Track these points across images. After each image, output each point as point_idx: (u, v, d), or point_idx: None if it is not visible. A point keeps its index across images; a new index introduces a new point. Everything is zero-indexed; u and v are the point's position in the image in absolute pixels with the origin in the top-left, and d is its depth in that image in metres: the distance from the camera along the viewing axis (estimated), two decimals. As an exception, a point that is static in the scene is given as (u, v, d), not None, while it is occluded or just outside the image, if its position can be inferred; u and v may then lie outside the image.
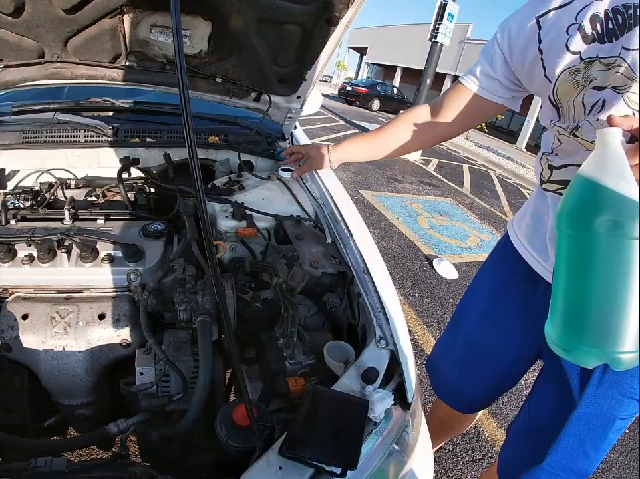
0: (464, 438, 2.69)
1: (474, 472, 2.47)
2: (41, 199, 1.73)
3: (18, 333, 1.31)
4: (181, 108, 0.64)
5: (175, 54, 0.58)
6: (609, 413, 1.23)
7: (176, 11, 0.57)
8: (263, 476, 0.88)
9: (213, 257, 0.75)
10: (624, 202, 0.75)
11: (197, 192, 0.70)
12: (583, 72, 1.04)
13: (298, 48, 1.81)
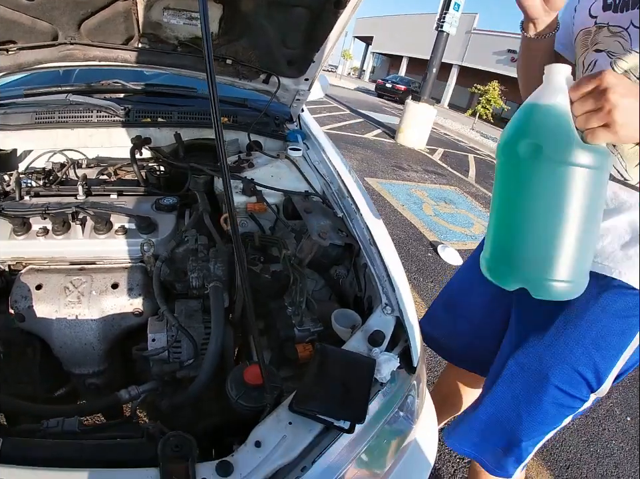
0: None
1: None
2: (53, 177, 1.77)
3: (31, 303, 1.34)
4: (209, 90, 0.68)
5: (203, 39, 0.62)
6: (541, 370, 1.21)
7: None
8: (273, 431, 0.92)
9: (235, 223, 0.79)
10: (545, 126, 0.77)
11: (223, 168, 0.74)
12: (592, 36, 1.09)
13: (306, 30, 1.84)
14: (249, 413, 1.00)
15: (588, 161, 0.75)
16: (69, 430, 0.97)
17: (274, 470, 0.87)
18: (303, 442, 0.92)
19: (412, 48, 39.16)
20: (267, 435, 0.91)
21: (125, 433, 0.99)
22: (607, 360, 1.15)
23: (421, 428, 1.25)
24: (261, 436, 0.90)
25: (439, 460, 2.37)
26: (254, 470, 0.85)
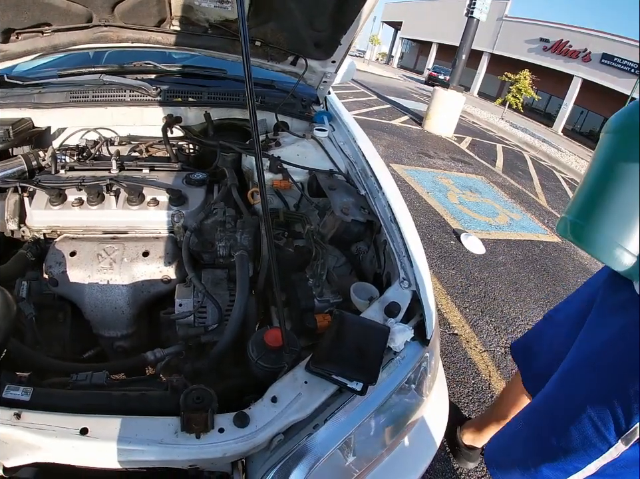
0: (480, 405, 2.76)
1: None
2: (87, 154, 1.84)
3: (65, 269, 1.43)
4: (244, 71, 0.75)
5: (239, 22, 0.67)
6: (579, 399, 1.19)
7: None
8: (289, 388, 0.98)
9: (264, 197, 0.85)
10: None
11: (256, 144, 0.81)
12: None
13: (334, 13, 1.86)
14: (267, 373, 1.07)
15: None
16: (97, 383, 1.04)
17: (288, 424, 0.93)
18: (317, 401, 0.98)
19: (442, 34, 38.59)
20: (283, 392, 0.97)
21: (150, 387, 1.07)
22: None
23: (432, 402, 1.31)
24: (277, 392, 0.97)
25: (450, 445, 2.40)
26: (269, 423, 0.92)
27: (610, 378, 1.13)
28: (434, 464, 2.26)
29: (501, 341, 3.47)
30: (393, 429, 1.16)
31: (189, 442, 0.86)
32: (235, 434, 0.88)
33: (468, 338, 3.37)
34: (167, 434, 0.86)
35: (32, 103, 1.98)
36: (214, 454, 0.86)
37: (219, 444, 0.87)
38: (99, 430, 0.85)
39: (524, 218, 6.65)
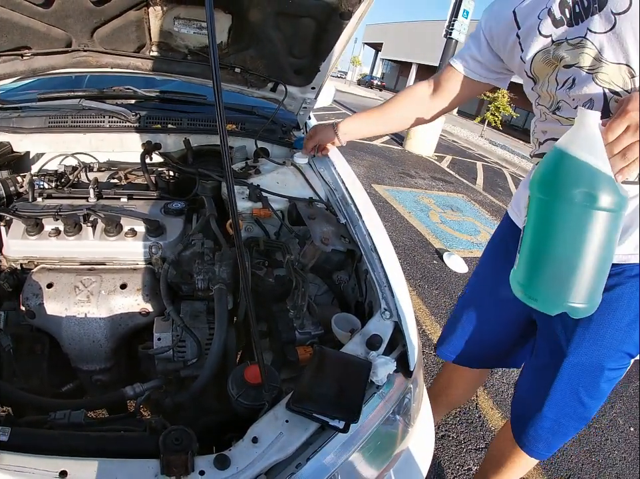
0: (468, 426, 2.76)
1: (477, 460, 2.52)
2: (65, 180, 1.82)
3: (42, 301, 1.40)
4: (214, 97, 0.74)
5: (210, 49, 0.67)
6: (597, 363, 1.31)
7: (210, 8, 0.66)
8: (270, 428, 0.96)
9: (237, 227, 0.83)
10: (599, 177, 0.86)
11: (226, 172, 0.80)
12: (553, 52, 1.15)
13: (313, 40, 1.90)
14: (248, 411, 1.04)
15: (612, 205, 0.86)
16: (75, 422, 1.01)
17: (270, 465, 0.91)
18: (298, 440, 0.95)
19: (422, 54, 39.27)
20: (264, 431, 0.95)
21: (128, 426, 1.04)
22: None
23: (418, 431, 1.29)
24: (258, 432, 0.94)
25: (438, 466, 2.41)
26: (250, 464, 0.89)
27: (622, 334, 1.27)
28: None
29: None
30: (379, 462, 1.14)
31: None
32: (216, 477, 0.86)
33: None
34: (146, 478, 0.84)
35: (11, 127, 1.96)
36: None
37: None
38: (78, 473, 0.82)
39: (506, 235, 6.67)
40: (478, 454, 2.57)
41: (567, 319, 1.30)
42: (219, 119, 0.76)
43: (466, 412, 2.87)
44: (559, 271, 0.92)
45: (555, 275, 0.93)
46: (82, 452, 0.88)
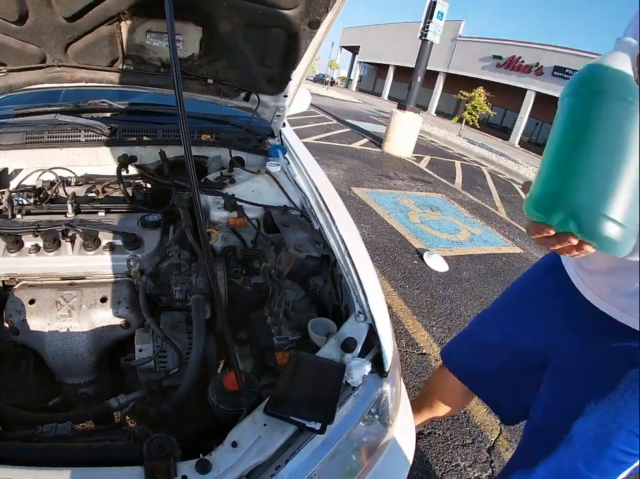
0: (454, 422, 2.79)
1: (464, 456, 2.56)
2: (43, 196, 1.83)
3: (25, 317, 1.41)
4: (177, 107, 0.77)
5: (172, 58, 0.69)
6: (603, 434, 1.24)
7: (171, 19, 0.69)
8: (249, 432, 0.99)
9: (206, 240, 0.87)
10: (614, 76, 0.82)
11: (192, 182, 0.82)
12: None
13: (283, 50, 1.93)
14: (228, 417, 1.07)
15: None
16: (62, 435, 1.03)
17: (250, 468, 0.94)
18: (277, 443, 0.98)
19: (398, 56, 39.54)
20: (243, 436, 0.98)
21: (114, 436, 1.06)
22: None
23: (398, 430, 1.32)
24: (237, 437, 0.97)
25: (426, 463, 2.43)
26: (230, 468, 0.92)
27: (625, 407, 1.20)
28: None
29: None
30: (359, 462, 1.17)
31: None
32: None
33: (437, 356, 3.39)
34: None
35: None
36: None
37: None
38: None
39: (485, 232, 6.81)
40: (465, 449, 2.61)
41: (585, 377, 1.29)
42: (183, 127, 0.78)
43: None
44: (594, 177, 0.80)
45: (591, 182, 0.80)
46: (69, 463, 0.90)
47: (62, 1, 1.58)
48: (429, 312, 4.01)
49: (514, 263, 5.85)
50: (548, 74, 28.19)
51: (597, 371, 1.26)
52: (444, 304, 4.23)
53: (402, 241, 5.50)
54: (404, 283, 4.43)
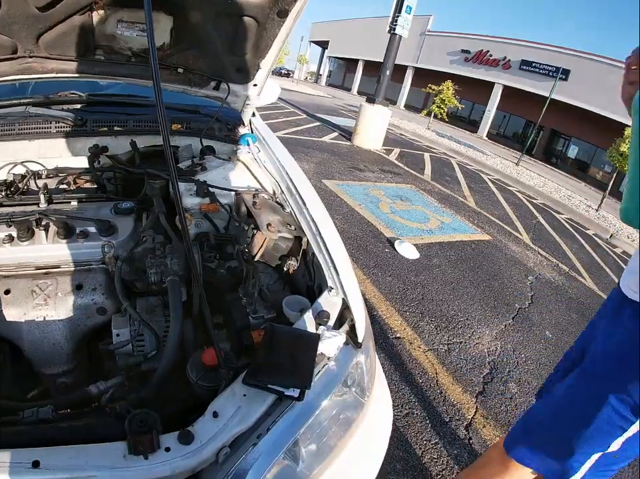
0: (430, 402, 2.88)
1: (442, 433, 2.65)
2: (14, 189, 1.81)
3: (0, 308, 1.41)
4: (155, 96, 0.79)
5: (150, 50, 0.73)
6: (603, 391, 1.37)
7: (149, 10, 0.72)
8: (229, 403, 1.03)
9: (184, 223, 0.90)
10: None
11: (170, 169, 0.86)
12: None
13: (253, 39, 1.96)
14: (208, 392, 1.10)
15: None
16: (44, 418, 1.04)
17: (232, 436, 0.98)
18: (257, 411, 1.02)
19: (368, 51, 39.57)
20: (223, 406, 1.02)
21: (95, 416, 1.09)
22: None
23: (374, 402, 1.37)
24: (218, 408, 1.01)
25: (406, 443, 2.50)
26: (213, 437, 0.96)
27: (626, 370, 1.31)
28: (394, 464, 2.36)
29: (444, 339, 3.70)
30: (339, 432, 1.21)
31: (138, 464, 0.88)
32: (182, 451, 0.92)
33: (411, 339, 3.51)
34: (116, 459, 0.89)
35: None
36: (164, 473, 0.89)
37: (167, 462, 0.90)
38: (50, 462, 0.86)
39: (455, 221, 6.98)
40: (442, 427, 2.71)
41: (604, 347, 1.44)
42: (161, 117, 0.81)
43: (427, 389, 3.00)
44: None
45: None
46: (52, 443, 0.92)
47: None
48: (402, 297, 4.10)
49: (483, 249, 6.03)
50: (515, 68, 28.57)
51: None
52: (415, 290, 4.33)
53: (373, 231, 5.58)
54: (376, 270, 4.51)
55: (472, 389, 3.16)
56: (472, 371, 3.36)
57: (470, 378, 3.27)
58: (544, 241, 7.72)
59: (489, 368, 3.50)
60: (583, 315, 5.03)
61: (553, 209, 11.65)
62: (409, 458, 2.41)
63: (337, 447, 1.18)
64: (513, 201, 10.63)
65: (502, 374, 3.48)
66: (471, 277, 5.05)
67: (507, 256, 6.11)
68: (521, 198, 11.57)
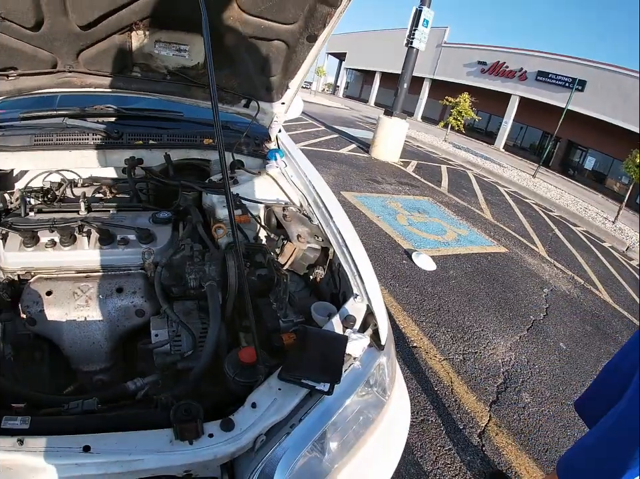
0: (445, 410, 2.94)
1: (456, 440, 2.71)
2: (52, 196, 1.93)
3: (42, 307, 1.50)
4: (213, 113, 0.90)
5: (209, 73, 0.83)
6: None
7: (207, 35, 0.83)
8: (266, 395, 1.13)
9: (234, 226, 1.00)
10: None
11: (225, 179, 0.96)
12: None
13: (283, 61, 2.08)
14: (244, 388, 1.19)
15: None
16: (89, 409, 1.12)
17: (268, 425, 1.08)
18: (291, 403, 1.13)
19: (385, 63, 39.70)
20: (261, 398, 1.12)
21: (139, 407, 1.18)
22: None
23: (394, 403, 1.46)
24: (256, 399, 1.11)
25: (420, 448, 2.57)
26: (252, 425, 1.06)
27: None
28: (408, 468, 2.42)
29: (459, 349, 3.75)
30: (360, 429, 1.29)
31: (183, 448, 0.98)
32: (223, 438, 1.01)
33: (427, 349, 3.58)
34: (163, 444, 0.98)
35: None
36: (206, 457, 0.98)
37: (210, 447, 0.99)
38: (100, 446, 0.95)
39: (471, 233, 7.01)
40: (457, 434, 2.76)
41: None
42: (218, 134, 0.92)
43: (442, 397, 3.05)
44: None
45: None
46: (100, 431, 1.00)
47: (78, 10, 1.69)
48: (418, 308, 4.17)
49: (499, 262, 6.06)
50: (532, 79, 28.52)
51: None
52: (432, 300, 4.39)
53: (391, 242, 5.65)
54: (394, 281, 4.58)
55: (485, 398, 3.21)
56: (486, 381, 3.42)
57: (484, 387, 3.33)
58: (560, 254, 7.77)
59: (503, 378, 3.54)
60: (597, 328, 5.05)
61: (569, 222, 11.62)
62: (423, 463, 2.48)
63: (359, 443, 1.27)
64: (530, 214, 10.63)
65: (516, 384, 3.51)
66: (487, 288, 5.10)
67: (523, 268, 6.13)
68: (537, 210, 11.55)
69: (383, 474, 1.32)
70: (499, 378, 3.52)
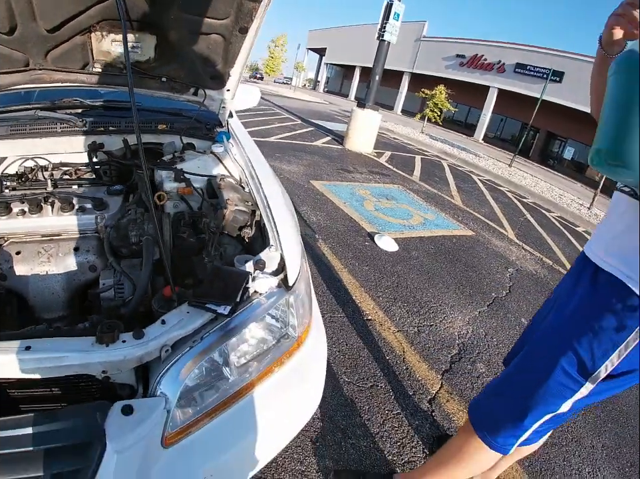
0: (395, 377, 3.05)
1: (405, 405, 2.82)
2: (25, 179, 2.19)
3: (12, 265, 1.78)
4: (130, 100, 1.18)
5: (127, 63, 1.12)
6: (555, 351, 1.48)
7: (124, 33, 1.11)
8: (175, 315, 1.38)
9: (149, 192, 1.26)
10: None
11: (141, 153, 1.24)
12: None
13: (222, 52, 2.40)
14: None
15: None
16: (40, 330, 1.43)
17: (174, 338, 1.33)
18: (195, 323, 1.38)
19: (365, 58, 39.78)
20: (170, 317, 1.37)
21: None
22: (602, 350, 1.36)
23: (308, 342, 1.73)
24: (166, 317, 1.37)
25: (368, 411, 2.68)
26: (159, 336, 1.31)
27: (577, 335, 1.43)
28: (354, 430, 2.53)
29: (414, 322, 3.88)
30: (265, 357, 1.55)
31: (100, 350, 1.23)
32: (134, 343, 1.27)
33: (382, 321, 3.70)
34: (86, 346, 1.23)
35: None
36: (118, 357, 1.23)
37: (122, 349, 1.24)
38: (38, 347, 1.20)
39: (438, 217, 7.16)
40: (405, 399, 2.87)
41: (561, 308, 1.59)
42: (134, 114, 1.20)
43: (394, 365, 3.16)
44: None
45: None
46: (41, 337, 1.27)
47: (45, 17, 2.01)
48: (376, 285, 4.32)
49: (464, 244, 6.19)
50: (510, 71, 28.93)
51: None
52: (391, 278, 4.53)
53: (354, 226, 5.78)
54: (354, 261, 4.73)
55: (438, 367, 3.31)
56: (440, 351, 3.53)
57: (437, 357, 3.44)
58: (530, 237, 7.86)
59: (458, 349, 3.64)
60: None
61: (543, 208, 11.69)
62: (370, 425, 2.59)
63: (264, 370, 1.52)
64: (502, 200, 10.72)
65: (471, 355, 3.61)
66: (448, 268, 5.17)
67: (488, 250, 6.19)
68: (510, 197, 11.66)
69: (288, 409, 1.56)
70: (454, 349, 3.62)
